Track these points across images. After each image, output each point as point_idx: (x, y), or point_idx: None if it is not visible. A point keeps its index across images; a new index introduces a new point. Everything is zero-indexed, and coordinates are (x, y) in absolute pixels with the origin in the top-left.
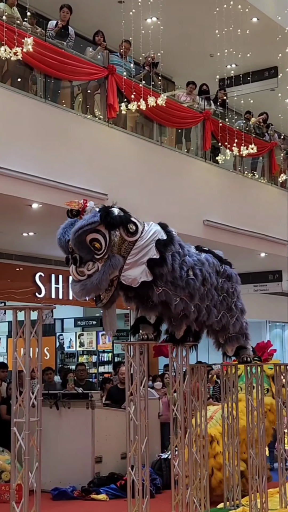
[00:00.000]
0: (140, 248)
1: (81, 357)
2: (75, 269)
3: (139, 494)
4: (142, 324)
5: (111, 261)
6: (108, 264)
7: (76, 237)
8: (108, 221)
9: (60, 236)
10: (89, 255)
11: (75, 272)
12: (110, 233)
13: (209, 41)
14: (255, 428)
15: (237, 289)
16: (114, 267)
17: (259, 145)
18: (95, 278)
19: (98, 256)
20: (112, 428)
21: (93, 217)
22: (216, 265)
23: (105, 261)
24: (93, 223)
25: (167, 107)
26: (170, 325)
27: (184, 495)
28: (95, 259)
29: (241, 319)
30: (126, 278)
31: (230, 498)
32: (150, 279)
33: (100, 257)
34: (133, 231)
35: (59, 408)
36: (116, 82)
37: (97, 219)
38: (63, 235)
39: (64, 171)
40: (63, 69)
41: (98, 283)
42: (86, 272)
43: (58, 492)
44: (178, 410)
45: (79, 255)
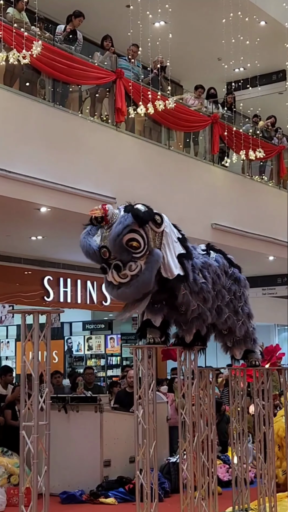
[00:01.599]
0: (169, 238)
1: (89, 361)
2: (117, 274)
3: (148, 497)
4: (149, 328)
5: (154, 256)
6: (151, 259)
7: (117, 244)
8: (141, 218)
9: (87, 247)
10: (129, 257)
11: (118, 276)
12: (145, 230)
13: (217, 44)
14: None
15: (245, 293)
16: (158, 260)
17: (267, 149)
18: (145, 275)
19: (138, 255)
20: (121, 431)
21: (126, 219)
22: (226, 266)
23: (147, 258)
24: (128, 225)
25: (175, 111)
26: (180, 329)
27: (193, 499)
28: (135, 258)
29: (247, 324)
30: (167, 268)
31: (239, 502)
32: (183, 273)
33: (141, 255)
34: (159, 222)
35: (68, 412)
36: (124, 86)
37: (131, 220)
38: (89, 245)
39: (72, 175)
40: (71, 73)
41: (148, 279)
42: (129, 273)
43: (66, 496)
44: (186, 414)
45: (120, 260)
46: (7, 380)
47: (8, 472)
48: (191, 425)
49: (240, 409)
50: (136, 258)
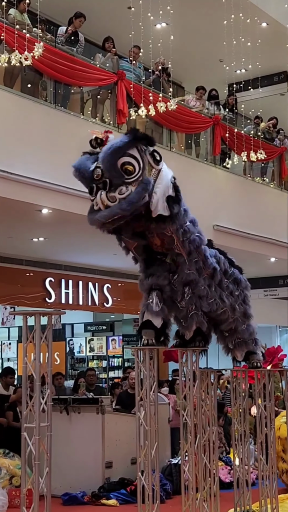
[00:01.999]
0: (163, 180)
1: (91, 362)
2: (105, 195)
3: (149, 499)
4: (144, 329)
5: (144, 182)
6: (141, 184)
7: (109, 158)
8: (141, 138)
9: (78, 166)
10: (120, 180)
11: (106, 198)
12: (142, 156)
13: (219, 46)
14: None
15: (242, 293)
16: (147, 188)
17: (269, 150)
18: (131, 195)
19: (130, 179)
20: (122, 433)
21: (125, 138)
22: (224, 262)
23: (139, 184)
24: (126, 142)
25: (177, 112)
26: (180, 325)
27: (194, 500)
28: (127, 183)
29: (238, 322)
30: (154, 205)
31: (240, 503)
32: (167, 214)
33: (133, 180)
34: (159, 158)
35: (69, 413)
36: (126, 88)
37: (129, 139)
38: (80, 165)
39: (74, 177)
40: (73, 75)
41: (134, 199)
42: (118, 196)
43: (68, 497)
44: (187, 415)
45: (110, 179)
46: (7, 381)
47: (9, 474)
48: (193, 427)
49: (241, 410)
50: (127, 184)
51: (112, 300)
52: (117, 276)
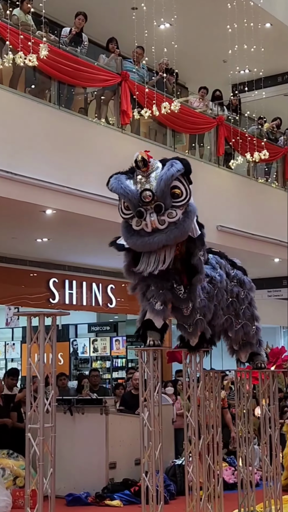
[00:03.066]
0: (193, 204)
1: (94, 363)
2: (156, 217)
3: (153, 500)
4: (149, 330)
5: (192, 207)
6: (190, 210)
7: (166, 185)
8: (189, 168)
9: (125, 188)
10: (169, 203)
11: (156, 221)
12: (186, 181)
13: (222, 46)
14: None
15: (248, 296)
16: (195, 212)
17: (273, 151)
18: (186, 223)
19: (179, 203)
20: (126, 434)
21: (177, 164)
22: (225, 266)
23: (186, 209)
24: (179, 170)
25: (181, 113)
26: (184, 332)
27: (198, 501)
28: (175, 206)
29: (250, 326)
30: (194, 226)
31: (245, 504)
32: (197, 235)
33: (181, 204)
34: (191, 182)
35: (73, 414)
36: (130, 88)
37: (181, 166)
38: (126, 186)
39: (78, 177)
40: (77, 76)
41: (187, 228)
42: (168, 220)
43: (72, 498)
44: (191, 416)
45: (163, 203)
46: (9, 383)
47: (13, 474)
48: (197, 428)
49: (245, 411)
50: (175, 207)
51: (115, 300)
52: (121, 277)
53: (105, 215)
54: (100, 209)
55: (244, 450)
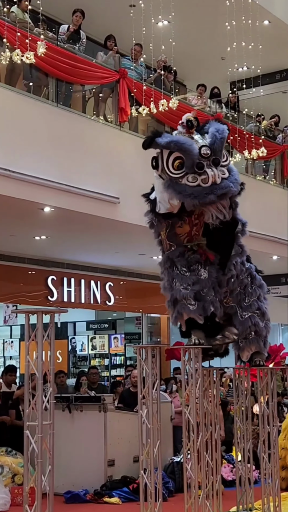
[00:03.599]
0: None
1: (93, 360)
2: (216, 169)
3: (152, 497)
4: (193, 329)
5: (234, 170)
6: (232, 169)
7: (222, 141)
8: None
9: (189, 141)
10: (220, 161)
11: (217, 174)
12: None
13: (221, 44)
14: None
15: (257, 291)
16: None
17: (271, 148)
18: (235, 179)
19: (225, 163)
20: (125, 431)
21: (223, 125)
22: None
23: (231, 170)
24: (227, 131)
25: (179, 110)
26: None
27: (197, 498)
28: (223, 165)
29: (255, 319)
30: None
31: (243, 501)
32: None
33: (227, 164)
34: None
35: (72, 412)
36: (128, 86)
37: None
38: (189, 140)
39: (76, 175)
40: (75, 73)
41: (238, 183)
42: (221, 175)
43: (71, 495)
44: (190, 414)
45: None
46: (8, 379)
47: (12, 472)
48: (195, 425)
49: (244, 408)
50: (223, 166)
51: (114, 298)
52: (119, 275)
53: (103, 212)
54: (98, 207)
55: (242, 447)
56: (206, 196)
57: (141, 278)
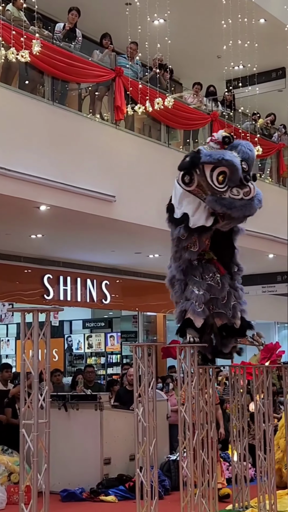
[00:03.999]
0: None
1: (89, 359)
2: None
3: (148, 495)
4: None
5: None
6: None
7: (254, 158)
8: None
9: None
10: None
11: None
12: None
13: (217, 42)
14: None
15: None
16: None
17: (267, 146)
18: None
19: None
20: (121, 429)
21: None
22: None
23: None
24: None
25: (175, 109)
26: (226, 319)
27: (193, 496)
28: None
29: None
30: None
31: (239, 499)
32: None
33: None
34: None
35: (68, 410)
36: (124, 84)
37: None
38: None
39: (72, 173)
40: (71, 71)
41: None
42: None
43: (67, 494)
44: (186, 412)
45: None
46: (4, 376)
47: (8, 470)
48: (191, 423)
49: (240, 406)
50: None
51: (110, 296)
52: (115, 273)
53: (99, 211)
54: (94, 205)
55: (238, 445)
56: (252, 208)
57: (137, 277)
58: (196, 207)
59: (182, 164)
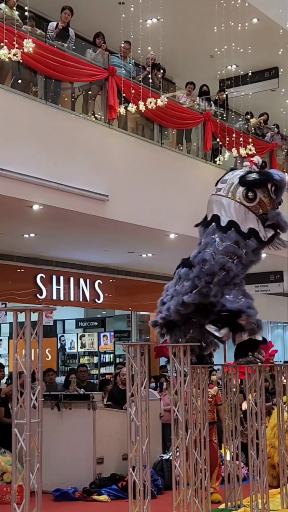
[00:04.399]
0: None
1: (82, 358)
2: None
3: (140, 494)
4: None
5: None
6: None
7: None
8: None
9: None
10: None
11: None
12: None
13: (210, 41)
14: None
15: None
16: None
17: (260, 146)
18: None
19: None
20: (114, 429)
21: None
22: None
23: None
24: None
25: (168, 108)
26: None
27: (185, 496)
28: None
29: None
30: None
31: (231, 498)
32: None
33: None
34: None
35: (61, 409)
36: (117, 83)
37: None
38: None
39: (65, 173)
40: (64, 70)
41: None
42: None
43: (59, 493)
44: (179, 411)
45: None
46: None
47: (1, 470)
48: (184, 422)
49: (232, 406)
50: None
51: (103, 296)
52: (108, 272)
53: (92, 210)
54: (87, 204)
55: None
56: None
57: (130, 276)
58: (257, 223)
59: (256, 181)
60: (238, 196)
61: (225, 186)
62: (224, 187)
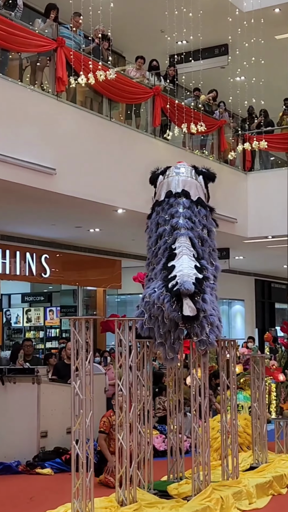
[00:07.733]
0: None
1: (28, 333)
2: None
3: (84, 467)
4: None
5: None
6: None
7: None
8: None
9: None
10: None
11: None
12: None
13: (160, 16)
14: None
15: None
16: None
17: (209, 123)
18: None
19: None
20: (58, 403)
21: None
22: None
23: None
24: None
25: (117, 82)
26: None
27: (128, 468)
28: None
29: None
30: None
31: (173, 470)
32: None
33: None
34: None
35: (5, 383)
36: (65, 55)
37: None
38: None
39: (12, 145)
40: (11, 40)
41: None
42: None
43: (2, 467)
44: (123, 385)
45: None
46: None
47: None
48: (128, 396)
49: (176, 380)
50: None
51: (50, 270)
52: (55, 247)
53: (39, 183)
54: (34, 177)
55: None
56: None
57: (77, 251)
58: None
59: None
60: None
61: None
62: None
